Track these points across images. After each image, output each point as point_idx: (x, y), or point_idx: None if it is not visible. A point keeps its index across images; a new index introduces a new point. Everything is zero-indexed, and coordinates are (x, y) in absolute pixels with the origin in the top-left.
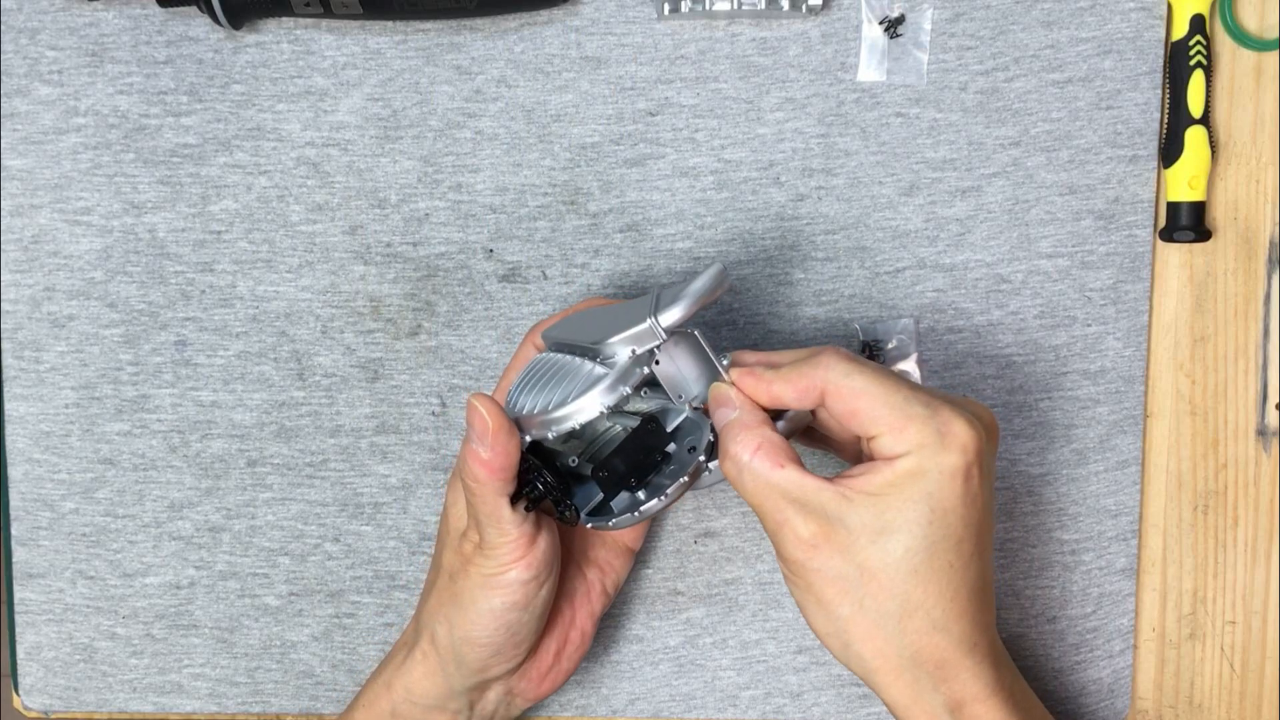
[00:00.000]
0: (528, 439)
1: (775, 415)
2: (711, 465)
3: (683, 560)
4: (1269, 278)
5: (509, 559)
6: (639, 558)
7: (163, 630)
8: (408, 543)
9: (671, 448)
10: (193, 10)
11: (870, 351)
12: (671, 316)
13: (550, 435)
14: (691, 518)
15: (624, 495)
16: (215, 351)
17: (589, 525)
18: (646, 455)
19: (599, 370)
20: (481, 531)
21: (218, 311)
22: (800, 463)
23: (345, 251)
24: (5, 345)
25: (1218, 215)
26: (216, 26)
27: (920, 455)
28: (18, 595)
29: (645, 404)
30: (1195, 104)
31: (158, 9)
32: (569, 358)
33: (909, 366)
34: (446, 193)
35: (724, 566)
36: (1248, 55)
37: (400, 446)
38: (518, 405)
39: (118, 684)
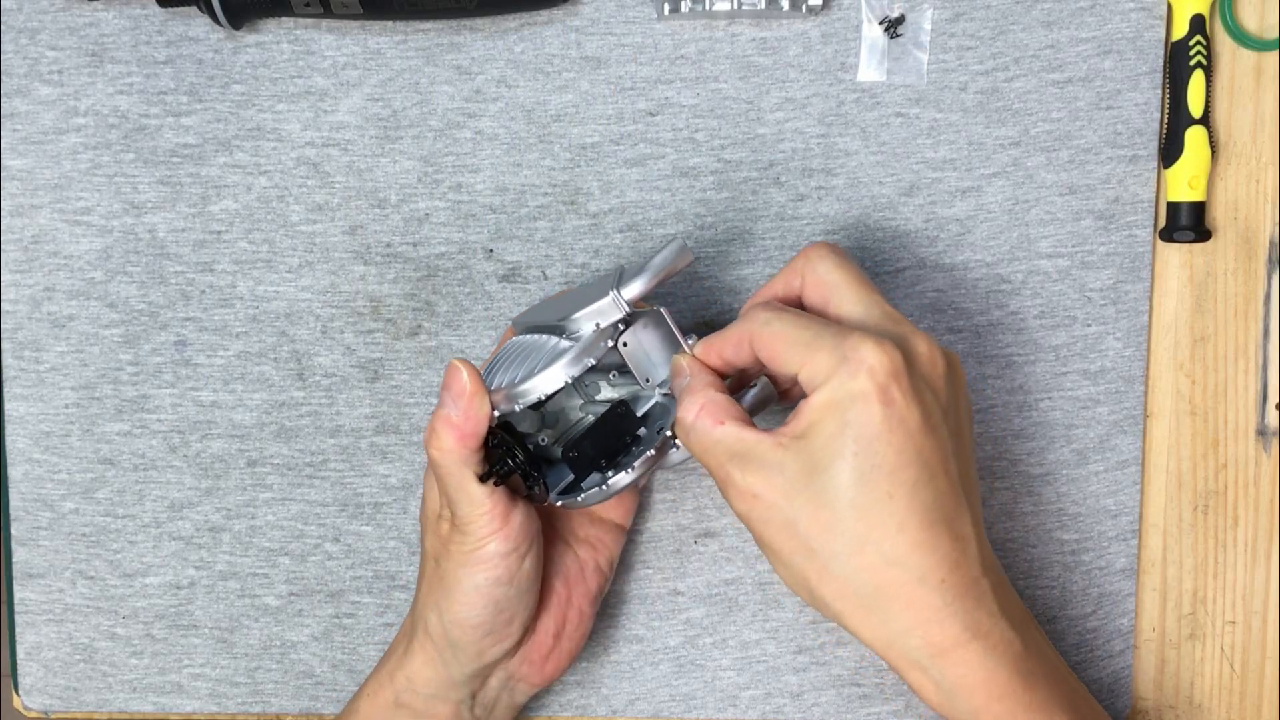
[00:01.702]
0: (497, 414)
1: (741, 387)
2: (679, 442)
3: (683, 560)
4: (1269, 278)
5: (485, 533)
6: (639, 558)
7: (163, 630)
8: (408, 543)
9: (642, 432)
10: (193, 10)
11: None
12: (633, 290)
13: (517, 408)
14: (691, 518)
15: (595, 477)
16: (215, 351)
17: (559, 503)
18: (617, 438)
19: (564, 344)
20: (454, 508)
21: (218, 311)
22: (743, 419)
23: (345, 251)
24: (5, 345)
25: (1218, 215)
26: (216, 26)
27: (830, 385)
28: (18, 595)
29: (617, 391)
30: (1195, 104)
31: (158, 9)
32: (538, 337)
33: None
34: (446, 193)
35: (724, 566)
36: (1248, 55)
37: (400, 446)
38: (488, 383)
39: (118, 684)
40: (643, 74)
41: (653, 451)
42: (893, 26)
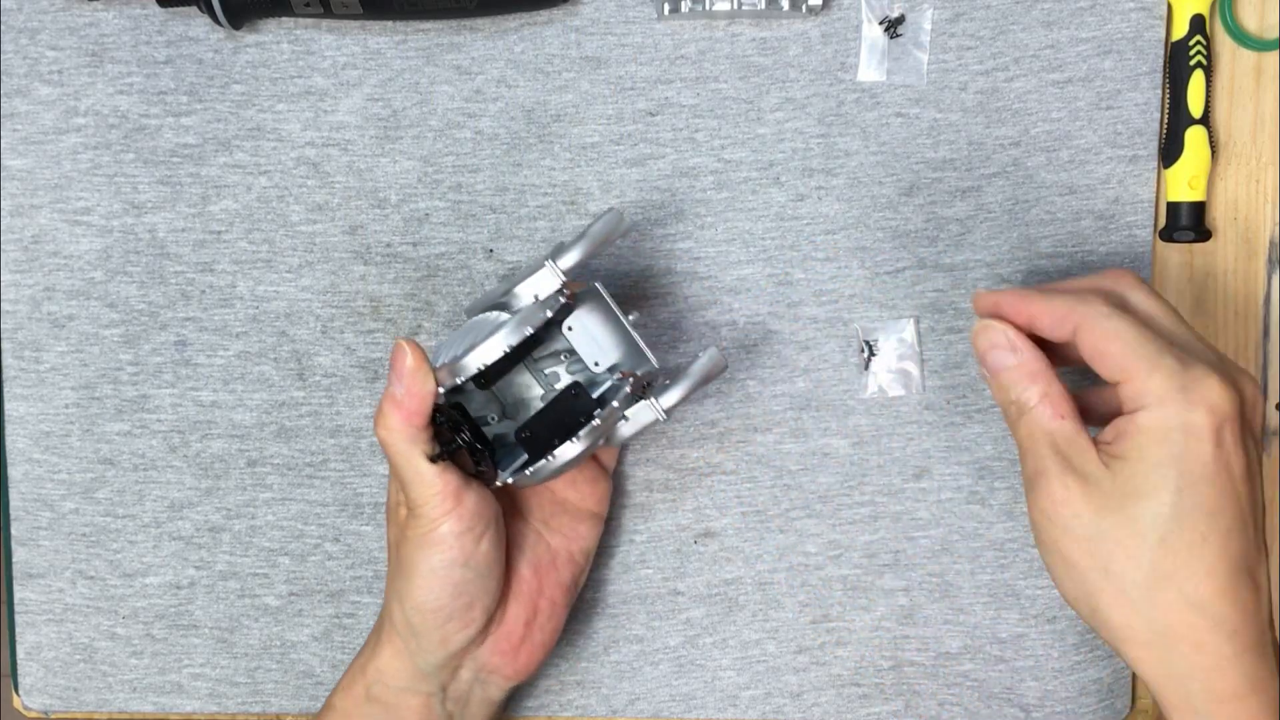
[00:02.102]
0: (442, 391)
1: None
2: (628, 413)
3: (683, 560)
4: (1269, 278)
5: (437, 514)
6: (639, 558)
7: (163, 630)
8: None
9: (598, 413)
10: (193, 10)
11: (869, 351)
12: (568, 259)
13: (460, 380)
14: (691, 518)
15: (544, 460)
16: (215, 351)
17: (510, 480)
18: (570, 419)
19: (503, 316)
20: (406, 491)
21: (218, 311)
22: (1079, 418)
23: (345, 251)
24: (5, 345)
25: (1218, 215)
26: (216, 26)
27: (1163, 411)
28: (18, 595)
29: (573, 375)
30: (1195, 104)
31: (158, 9)
32: (483, 315)
33: (909, 367)
34: (446, 193)
35: (724, 566)
36: (1248, 55)
37: None
38: (434, 363)
39: (118, 684)
40: (643, 74)
41: (598, 422)
42: (893, 26)
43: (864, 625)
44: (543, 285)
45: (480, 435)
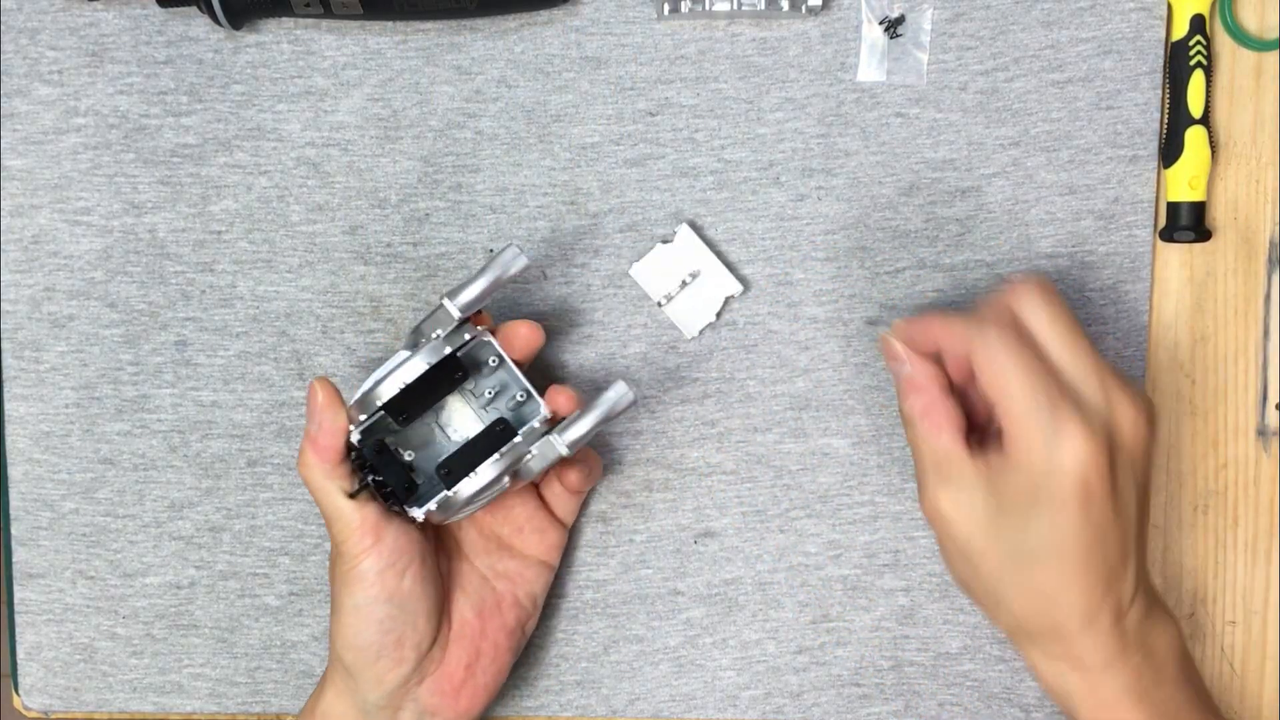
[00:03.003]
0: (354, 429)
1: None
2: (534, 449)
3: (683, 560)
4: (1269, 278)
5: (357, 550)
6: (639, 558)
7: (163, 630)
8: None
9: (500, 449)
10: (193, 10)
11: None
12: (463, 297)
13: (363, 417)
14: (691, 518)
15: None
16: (215, 351)
17: (421, 515)
18: (491, 454)
19: (405, 354)
20: (329, 527)
21: (218, 311)
22: (960, 431)
23: (345, 251)
24: (5, 345)
25: (1218, 215)
26: (216, 26)
27: (1035, 453)
28: (18, 595)
29: (501, 410)
30: (1195, 104)
31: (158, 9)
32: (393, 356)
33: None
34: (446, 193)
35: (724, 566)
36: (1248, 55)
37: None
38: (354, 401)
39: (118, 684)
40: (643, 74)
41: (497, 457)
42: (893, 26)
43: (864, 625)
44: (441, 323)
45: (393, 471)
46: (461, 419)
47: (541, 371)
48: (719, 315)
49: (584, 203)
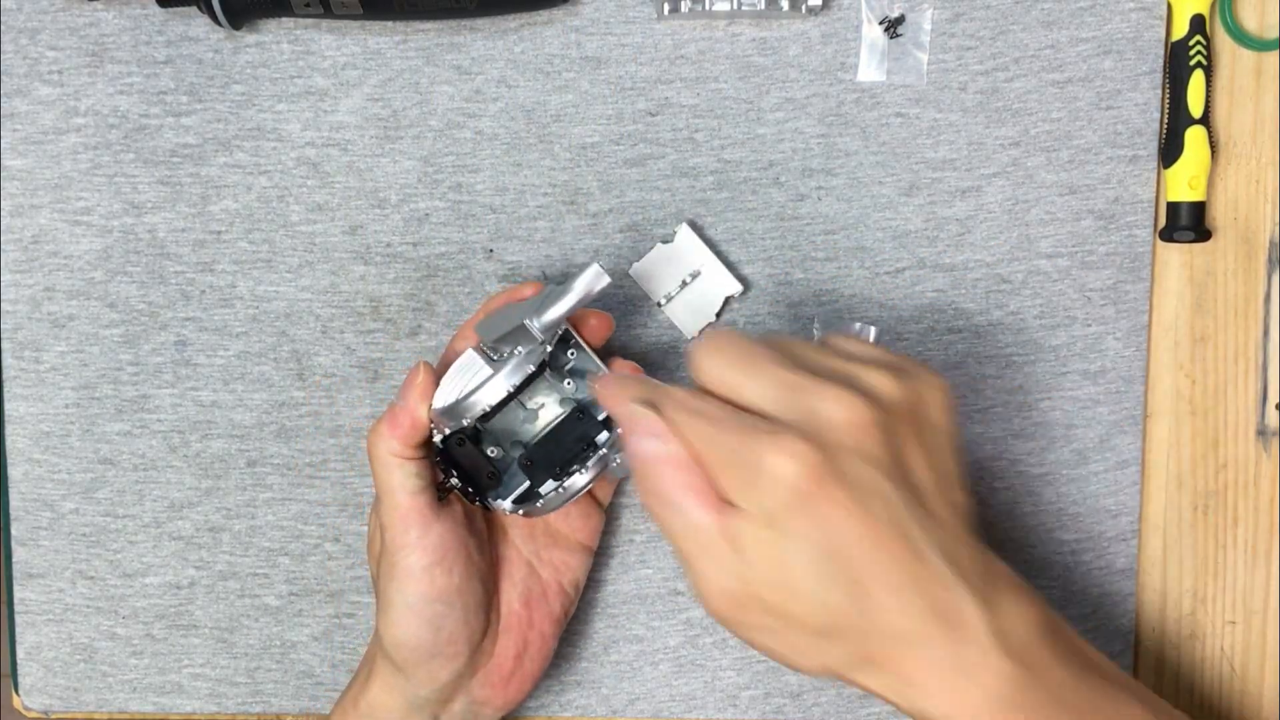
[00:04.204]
0: (437, 437)
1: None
2: (620, 457)
3: None
4: (1269, 278)
5: (403, 541)
6: (639, 558)
7: (163, 630)
8: None
9: (602, 436)
10: (193, 10)
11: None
12: (548, 318)
13: (447, 430)
14: None
15: (551, 483)
16: (215, 351)
17: (518, 512)
18: (573, 443)
19: (488, 370)
20: (380, 507)
21: (218, 311)
22: (719, 505)
23: (345, 251)
24: (5, 345)
25: (1218, 215)
26: (216, 26)
27: (752, 504)
28: (18, 595)
29: (580, 393)
30: (1195, 104)
31: (158, 9)
32: (474, 355)
33: None
34: (446, 193)
35: None
36: (1248, 55)
37: None
38: (436, 408)
39: (118, 684)
40: (643, 74)
41: (605, 450)
42: (893, 26)
43: None
44: (524, 340)
45: (477, 468)
46: (541, 393)
47: None
48: (719, 315)
49: (584, 203)
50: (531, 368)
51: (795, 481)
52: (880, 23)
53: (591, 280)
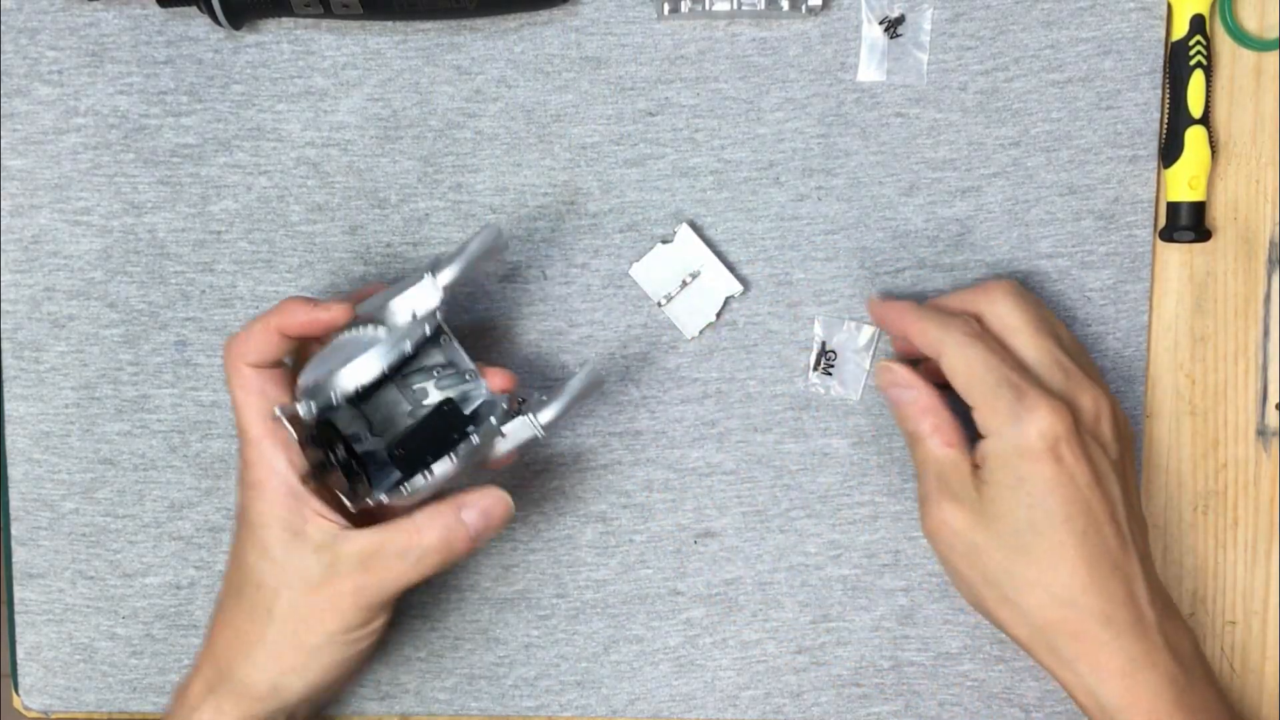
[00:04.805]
0: (313, 410)
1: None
2: (505, 429)
3: (683, 560)
4: (1269, 278)
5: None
6: (639, 558)
7: (163, 630)
8: None
9: (470, 429)
10: (193, 10)
11: (825, 357)
12: (447, 275)
13: (334, 398)
14: (691, 518)
15: (421, 478)
16: (215, 351)
17: (385, 500)
18: (444, 435)
19: (380, 333)
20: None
21: (218, 311)
22: (965, 445)
23: (345, 252)
24: (5, 345)
25: (1218, 215)
26: (216, 26)
27: (1004, 438)
28: (18, 595)
29: (445, 390)
30: (1195, 104)
31: (158, 9)
32: (357, 330)
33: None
34: (446, 193)
35: (724, 566)
36: (1248, 55)
37: None
38: (306, 379)
39: (118, 684)
40: (643, 74)
41: (476, 440)
42: (893, 26)
43: (864, 625)
44: (421, 301)
45: (353, 452)
46: (394, 396)
47: (541, 372)
48: (719, 315)
49: (584, 203)
50: (426, 330)
51: (1054, 433)
52: (880, 23)
53: (489, 238)
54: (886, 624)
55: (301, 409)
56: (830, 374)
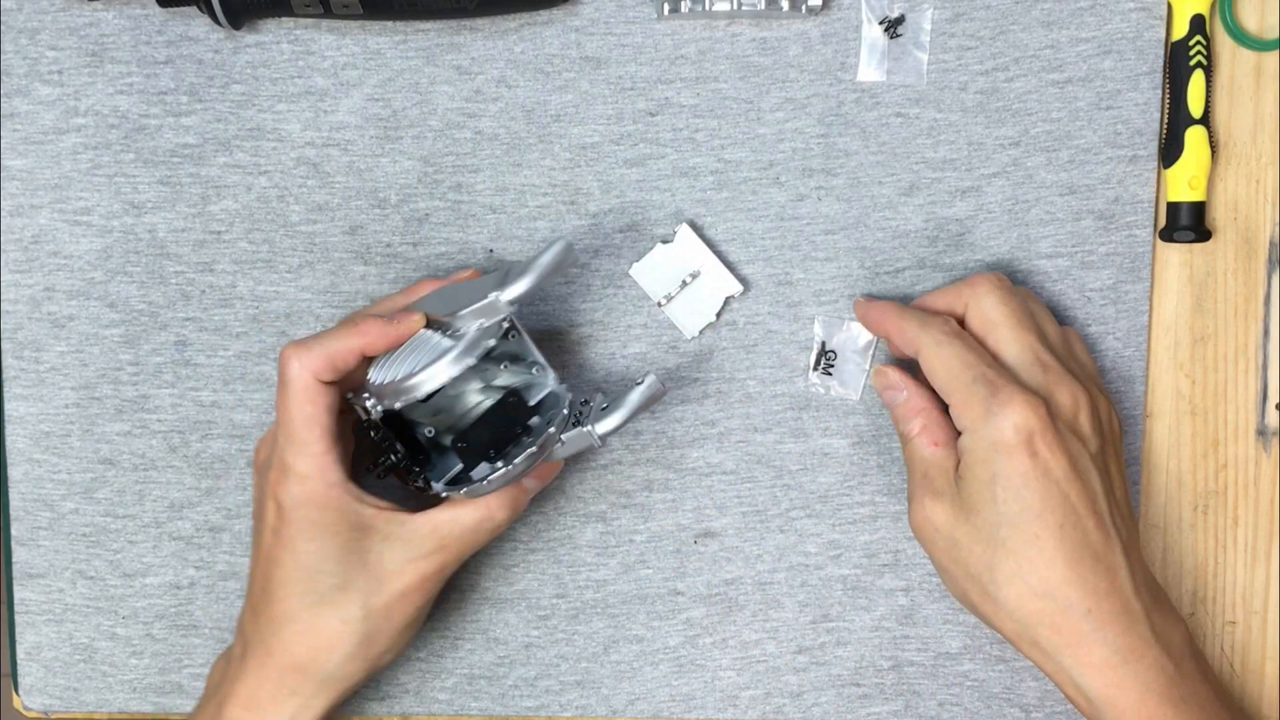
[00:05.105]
0: (379, 409)
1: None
2: (564, 438)
3: (683, 560)
4: (1269, 278)
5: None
6: (639, 558)
7: (163, 630)
8: None
9: (534, 421)
10: (193, 10)
11: (825, 357)
12: (514, 291)
13: (399, 405)
14: (691, 518)
15: (483, 467)
16: (215, 351)
17: (444, 494)
18: (507, 427)
19: (447, 342)
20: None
21: (218, 311)
22: (952, 444)
23: (345, 251)
24: (5, 345)
25: (1218, 215)
26: (216, 26)
27: (979, 434)
28: (18, 595)
29: (513, 379)
30: (1195, 104)
31: (158, 9)
32: (427, 332)
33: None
34: (446, 193)
35: (724, 566)
36: (1248, 55)
37: None
38: (376, 378)
39: (118, 684)
40: (643, 74)
41: (535, 449)
42: (893, 26)
43: (864, 625)
44: (487, 315)
45: (420, 453)
46: (474, 384)
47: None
48: (719, 315)
49: (584, 203)
50: (492, 342)
51: (1028, 426)
52: (880, 23)
53: (560, 254)
54: (886, 624)
55: (370, 405)
56: (830, 374)
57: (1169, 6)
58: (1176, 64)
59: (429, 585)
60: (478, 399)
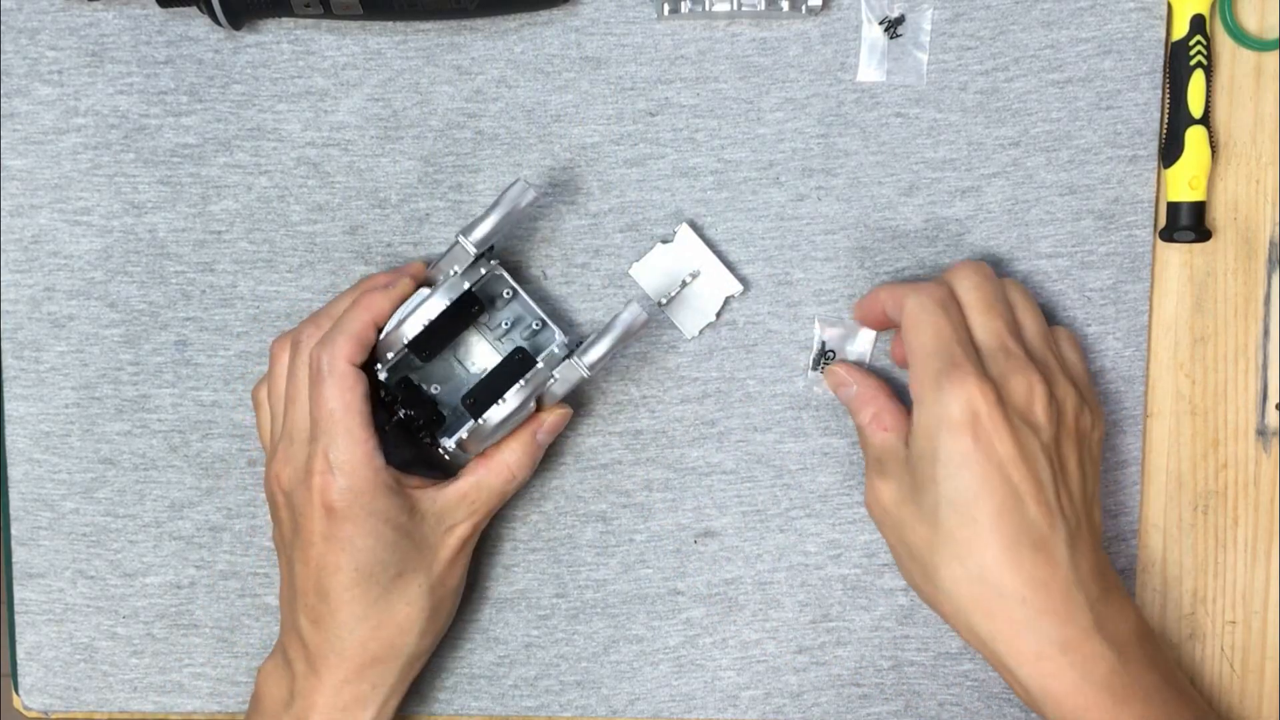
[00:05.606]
0: (379, 369)
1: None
2: (555, 373)
3: (683, 560)
4: (1269, 278)
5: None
6: (639, 558)
7: (163, 630)
8: None
9: (524, 375)
10: (193, 10)
11: (825, 357)
12: (479, 233)
13: (392, 356)
14: (691, 518)
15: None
16: (216, 351)
17: (453, 444)
18: (514, 383)
19: (427, 291)
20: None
21: (218, 311)
22: (902, 429)
23: (346, 251)
24: (5, 345)
25: (1218, 215)
26: (216, 26)
27: (924, 408)
28: (18, 595)
29: (519, 340)
30: (1195, 104)
31: (158, 9)
32: (419, 290)
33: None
34: (447, 193)
35: (724, 566)
36: (1248, 55)
37: None
38: (380, 347)
39: (118, 684)
40: (643, 74)
41: (522, 383)
42: (893, 26)
43: (864, 625)
44: (457, 260)
45: (421, 406)
46: (480, 352)
47: None
48: (719, 315)
49: (584, 203)
50: (467, 284)
51: (973, 407)
52: (880, 23)
53: (517, 195)
54: (886, 624)
55: (381, 374)
56: None
57: (1169, 6)
58: (1176, 64)
59: (469, 546)
60: (486, 362)
